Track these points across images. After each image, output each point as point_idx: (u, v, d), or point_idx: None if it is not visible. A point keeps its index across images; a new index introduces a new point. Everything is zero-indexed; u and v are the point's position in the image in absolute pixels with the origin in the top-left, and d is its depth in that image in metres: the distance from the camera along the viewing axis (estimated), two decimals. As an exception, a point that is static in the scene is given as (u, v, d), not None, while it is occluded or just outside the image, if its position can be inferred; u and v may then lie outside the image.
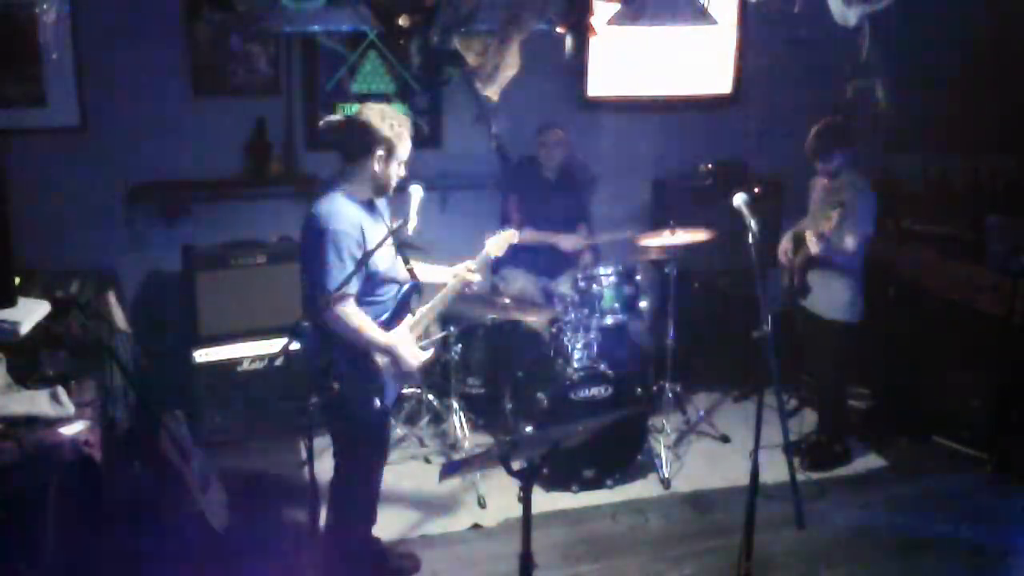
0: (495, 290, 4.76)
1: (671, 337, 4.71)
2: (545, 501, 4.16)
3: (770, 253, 4.55)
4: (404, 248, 3.29)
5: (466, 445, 4.53)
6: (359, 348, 3.16)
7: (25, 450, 2.88)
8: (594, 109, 5.43)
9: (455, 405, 4.63)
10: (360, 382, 3.18)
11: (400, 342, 3.23)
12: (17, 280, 3.57)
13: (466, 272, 3.49)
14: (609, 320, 4.51)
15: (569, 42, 4.30)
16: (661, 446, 4.53)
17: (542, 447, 2.68)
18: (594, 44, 5.19)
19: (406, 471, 4.43)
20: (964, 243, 4.92)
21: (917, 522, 4.14)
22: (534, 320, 4.68)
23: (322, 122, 3.27)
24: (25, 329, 3.35)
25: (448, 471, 3.10)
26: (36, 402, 3.07)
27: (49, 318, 3.55)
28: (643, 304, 4.62)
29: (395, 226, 3.12)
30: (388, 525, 3.89)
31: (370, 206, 3.22)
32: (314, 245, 3.07)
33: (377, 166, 3.11)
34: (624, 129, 5.47)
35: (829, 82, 5.13)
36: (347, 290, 3.02)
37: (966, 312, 4.69)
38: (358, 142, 3.11)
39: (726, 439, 4.84)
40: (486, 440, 4.71)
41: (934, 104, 5.20)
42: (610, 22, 4.29)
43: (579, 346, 4.39)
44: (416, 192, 3.39)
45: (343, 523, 3.43)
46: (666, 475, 4.41)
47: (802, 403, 5.09)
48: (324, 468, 3.75)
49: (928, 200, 5.36)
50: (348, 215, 3.08)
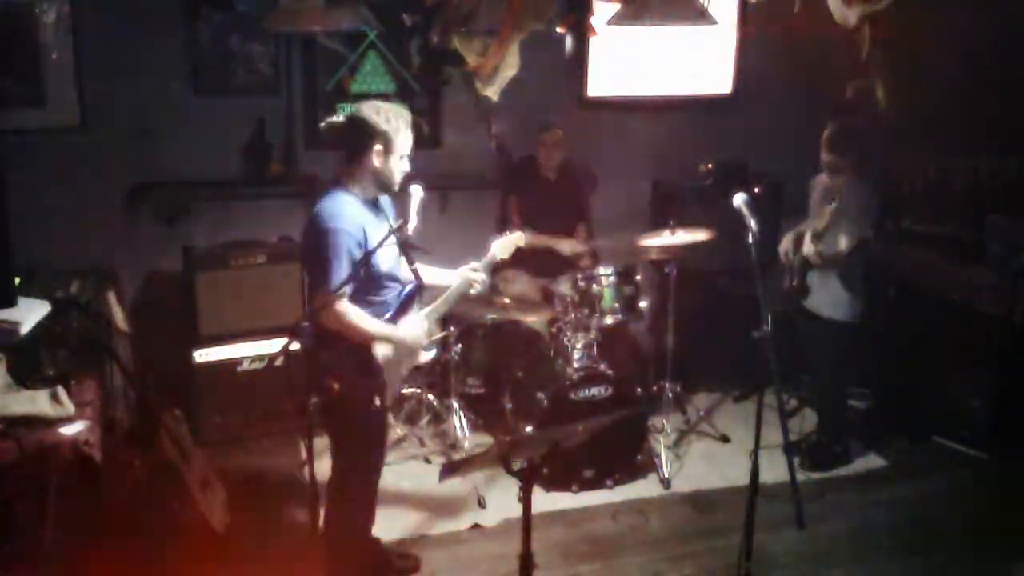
0: (495, 290, 4.76)
1: (671, 337, 4.71)
2: (545, 501, 4.16)
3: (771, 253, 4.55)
4: (406, 248, 3.29)
5: (466, 445, 4.53)
6: (359, 346, 3.15)
7: (25, 450, 2.87)
8: (594, 109, 5.43)
9: (455, 405, 4.63)
10: (361, 381, 3.18)
11: (399, 328, 3.23)
12: (17, 280, 3.57)
13: (471, 273, 3.47)
14: (609, 320, 4.51)
15: (569, 42, 4.30)
16: (661, 446, 4.53)
17: (542, 447, 2.68)
18: (594, 44, 5.19)
19: (406, 471, 4.42)
20: (964, 243, 4.92)
21: (917, 522, 4.14)
22: (534, 320, 4.68)
23: (322, 124, 3.25)
24: (25, 329, 3.35)
25: (448, 471, 3.10)
26: (36, 402, 3.07)
27: (49, 318, 3.55)
28: (643, 304, 4.62)
29: (395, 226, 3.12)
30: (388, 525, 3.88)
31: (374, 205, 3.21)
32: (315, 244, 3.07)
33: (376, 161, 3.08)
34: (624, 129, 5.47)
35: (829, 82, 5.12)
36: (344, 289, 3.02)
37: (966, 312, 4.69)
38: (355, 139, 3.10)
39: (726, 439, 4.84)
40: (486, 440, 4.70)
41: (934, 104, 5.19)
42: (610, 22, 4.30)
43: (579, 346, 4.39)
44: (416, 192, 3.39)
45: (342, 523, 3.43)
46: (666, 475, 4.41)
47: (802, 403, 5.09)
48: (324, 468, 3.75)
49: (928, 200, 5.36)
50: (350, 214, 3.07)
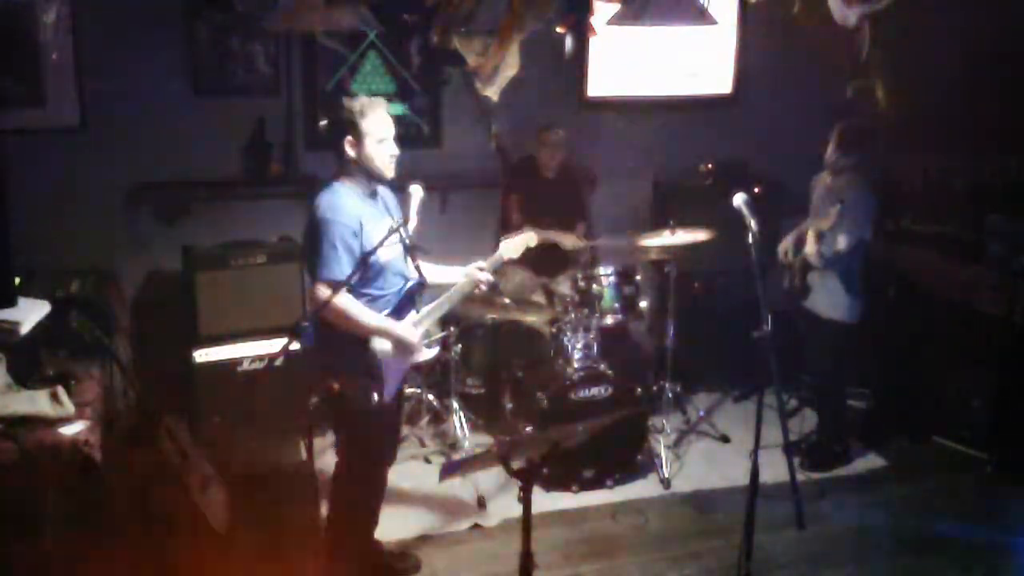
0: (494, 288, 4.76)
1: (671, 337, 4.71)
2: (545, 501, 4.16)
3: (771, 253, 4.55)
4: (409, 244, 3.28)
5: (466, 445, 4.53)
6: (356, 342, 3.16)
7: (25, 450, 2.87)
8: (594, 109, 5.43)
9: (455, 405, 4.64)
10: (358, 377, 3.18)
11: (395, 323, 3.22)
12: (17, 280, 3.56)
13: (477, 272, 3.45)
14: (609, 320, 4.51)
15: (569, 42, 4.30)
16: (661, 446, 4.53)
17: (542, 447, 2.68)
18: (594, 44, 5.19)
19: (406, 471, 4.42)
20: (964, 243, 4.91)
21: (917, 522, 4.14)
22: (534, 320, 4.68)
23: (321, 124, 3.32)
24: (25, 329, 3.35)
25: (448, 471, 3.10)
26: (36, 402, 3.07)
27: (49, 318, 3.55)
28: (643, 304, 4.62)
29: (395, 225, 3.12)
30: (388, 525, 3.87)
31: (373, 198, 3.24)
32: (312, 234, 3.13)
33: (352, 151, 3.14)
34: (624, 129, 5.46)
35: (829, 82, 5.12)
36: (341, 279, 3.05)
37: (966, 312, 4.68)
38: (333, 135, 3.19)
39: (726, 439, 4.84)
40: (486, 440, 4.70)
41: (934, 104, 5.19)
42: (610, 22, 4.29)
43: (579, 346, 4.39)
44: (416, 192, 3.39)
45: (343, 522, 3.43)
46: (666, 475, 4.41)
47: (802, 403, 5.09)
48: (324, 467, 3.75)
49: (928, 200, 5.36)
50: (345, 205, 3.12)
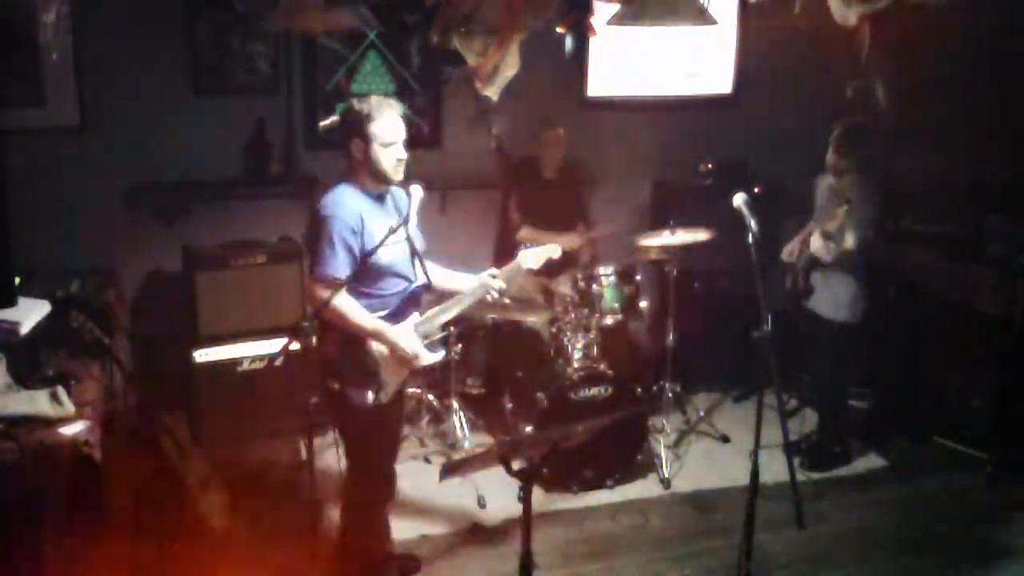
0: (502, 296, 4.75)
1: (671, 337, 4.71)
2: (545, 501, 4.16)
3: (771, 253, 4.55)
4: (414, 247, 3.27)
5: (466, 445, 4.53)
6: (354, 341, 3.14)
7: (25, 450, 2.88)
8: (594, 109, 5.43)
9: (455, 405, 4.63)
10: (355, 375, 3.16)
11: (392, 328, 3.18)
12: (17, 280, 3.57)
13: (490, 280, 3.39)
14: (609, 320, 4.51)
15: (569, 42, 4.30)
16: (661, 446, 4.53)
17: (542, 447, 2.68)
18: (594, 44, 5.19)
19: (406, 471, 4.41)
20: (964, 243, 4.91)
21: (917, 522, 4.14)
22: (534, 320, 4.68)
23: (320, 125, 3.30)
24: (25, 329, 3.35)
25: (448, 471, 3.10)
26: (36, 402, 3.07)
27: (49, 318, 3.55)
28: (643, 304, 4.62)
29: (395, 226, 3.11)
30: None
31: (379, 199, 3.22)
32: (312, 232, 3.13)
33: (359, 153, 3.12)
34: (624, 129, 5.46)
35: (829, 82, 5.12)
36: (337, 276, 3.04)
37: (966, 312, 4.68)
38: (341, 135, 3.18)
39: (726, 439, 4.84)
40: (486, 440, 4.70)
41: (934, 104, 5.19)
42: (610, 22, 4.29)
43: (579, 346, 4.39)
44: (416, 192, 3.39)
45: (355, 522, 3.40)
46: (666, 475, 4.41)
47: (802, 403, 5.09)
48: (324, 467, 3.75)
49: (928, 200, 5.36)
50: (347, 203, 3.11)
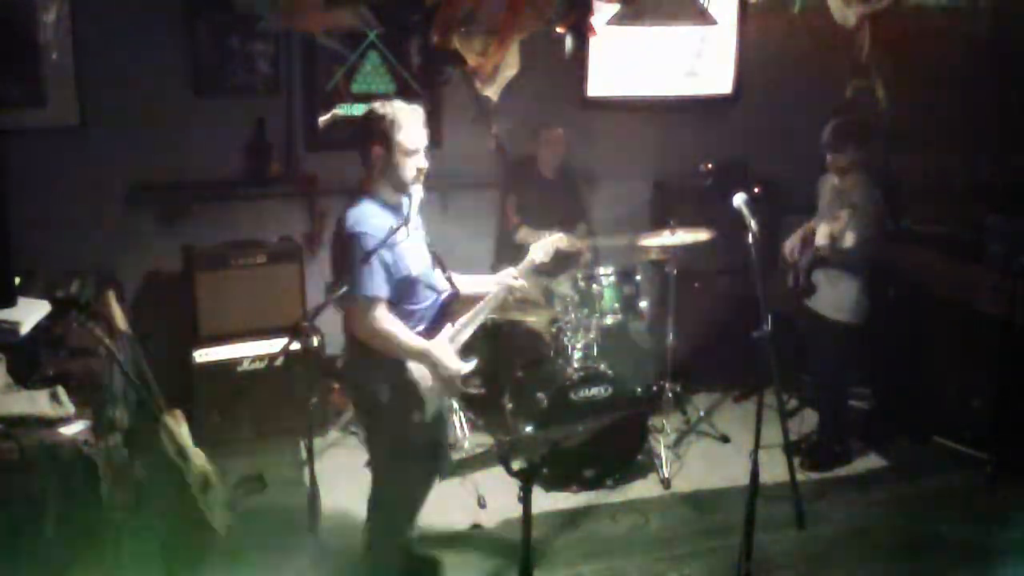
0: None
1: (671, 337, 4.71)
2: (545, 501, 4.16)
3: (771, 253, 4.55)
4: (437, 255, 3.23)
5: (466, 445, 4.53)
6: (389, 361, 3.05)
7: (25, 450, 2.87)
8: (594, 109, 5.43)
9: (455, 405, 4.63)
10: (398, 394, 3.07)
11: (436, 347, 3.10)
12: (17, 280, 3.57)
13: (510, 280, 3.35)
14: (609, 320, 4.51)
15: (569, 42, 4.29)
16: (661, 446, 4.53)
17: (542, 447, 2.68)
18: (594, 44, 5.18)
19: (406, 471, 4.42)
20: (964, 243, 4.91)
21: (917, 522, 4.14)
22: (534, 320, 4.68)
23: (320, 121, 3.24)
24: (25, 329, 3.35)
25: (448, 471, 3.10)
26: (36, 402, 3.07)
27: (49, 318, 3.55)
28: (643, 304, 4.62)
29: (395, 227, 3.10)
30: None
31: (396, 210, 3.13)
32: (341, 251, 3.02)
33: (380, 161, 3.04)
34: (624, 129, 5.46)
35: (829, 82, 5.12)
36: (378, 295, 2.96)
37: (966, 312, 4.68)
38: (360, 141, 3.09)
39: (726, 439, 4.84)
40: (486, 440, 4.70)
41: (934, 104, 5.19)
42: (610, 22, 4.29)
43: (579, 346, 4.39)
44: (416, 192, 3.38)
45: (378, 535, 3.38)
46: (666, 475, 4.41)
47: (802, 403, 5.09)
48: (324, 468, 3.75)
49: (928, 200, 5.36)
50: (372, 218, 3.01)
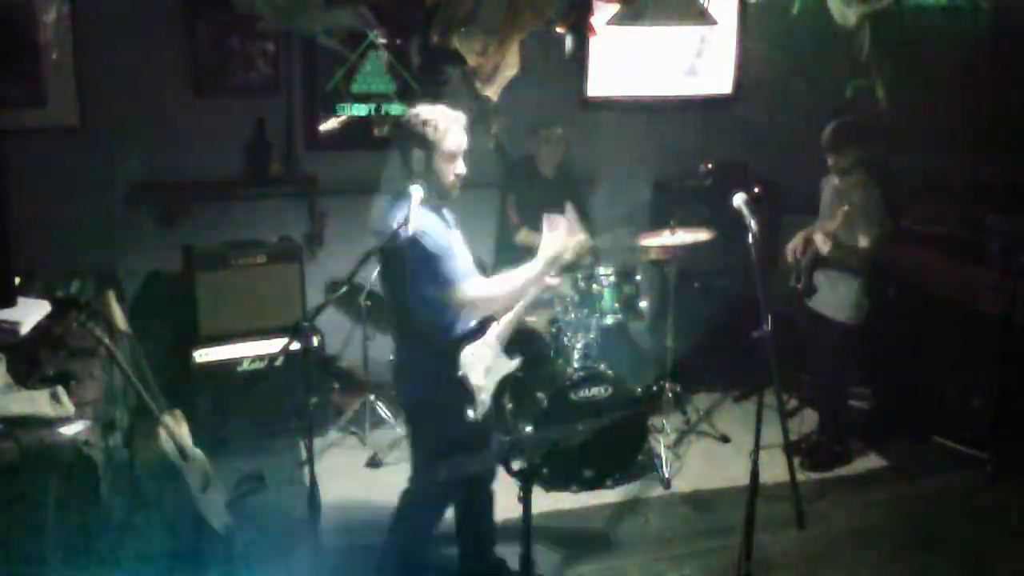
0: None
1: (671, 337, 4.71)
2: (545, 501, 4.15)
3: (771, 253, 4.54)
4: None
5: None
6: (444, 353, 3.08)
7: (25, 450, 2.87)
8: (594, 109, 5.44)
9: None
10: (449, 391, 3.09)
11: (542, 260, 3.15)
12: (17, 280, 3.57)
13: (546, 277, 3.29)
14: (609, 320, 4.51)
15: (569, 42, 4.29)
16: (661, 446, 4.53)
17: (542, 447, 2.68)
18: (594, 44, 5.19)
19: (406, 471, 4.41)
20: (964, 243, 4.91)
21: (917, 522, 4.14)
22: (534, 320, 4.68)
23: (325, 125, 3.24)
24: (25, 329, 3.35)
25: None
26: (36, 402, 3.06)
27: (49, 318, 3.55)
28: (643, 304, 4.62)
29: (395, 226, 3.10)
30: (387, 525, 3.89)
31: (438, 211, 3.16)
32: (413, 259, 3.00)
33: (419, 166, 3.08)
34: (624, 129, 5.47)
35: (829, 82, 5.12)
36: (470, 275, 3.07)
37: (966, 312, 4.68)
38: (400, 146, 3.13)
39: (726, 439, 4.84)
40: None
41: (934, 104, 5.20)
42: (610, 22, 4.29)
43: (579, 346, 4.39)
44: (416, 192, 3.38)
45: (405, 540, 3.40)
46: (666, 475, 4.41)
47: (802, 403, 5.09)
48: (324, 468, 3.75)
49: (928, 200, 5.36)
50: (426, 216, 3.05)
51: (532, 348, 4.75)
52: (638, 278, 4.64)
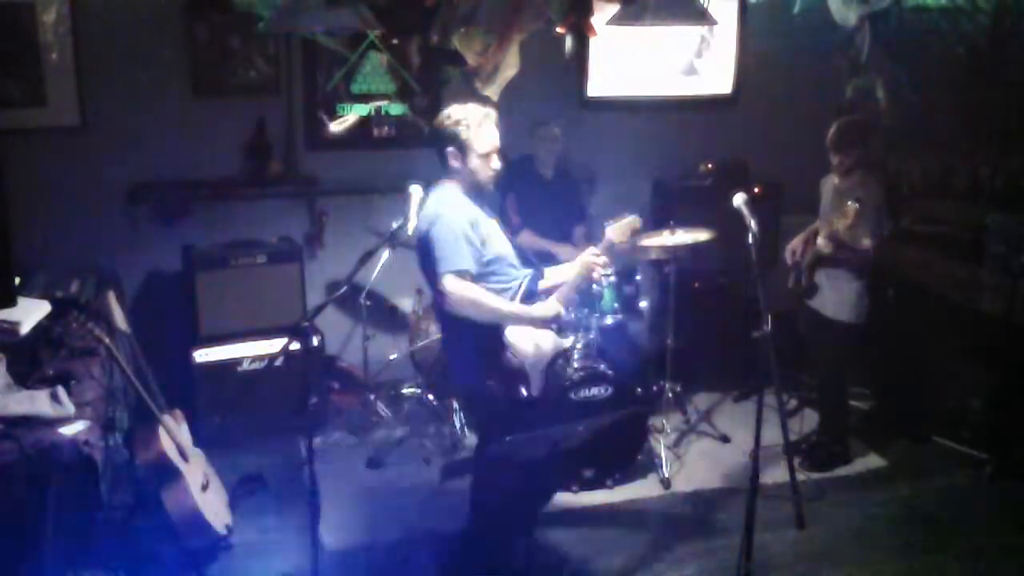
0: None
1: (671, 337, 4.71)
2: (545, 501, 4.16)
3: (770, 253, 4.55)
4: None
5: (466, 445, 4.53)
6: (491, 336, 3.12)
7: (25, 450, 2.87)
8: (594, 109, 5.43)
9: (455, 405, 4.63)
10: (501, 374, 3.12)
11: (528, 307, 3.17)
12: (17, 280, 3.56)
13: (591, 257, 3.27)
14: (609, 320, 4.51)
15: (569, 42, 4.29)
16: (661, 446, 4.53)
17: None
18: (594, 44, 5.19)
19: (406, 471, 4.42)
20: (964, 243, 4.91)
21: (917, 522, 4.14)
22: (534, 320, 4.67)
23: (331, 126, 3.28)
24: (25, 329, 3.35)
25: (448, 471, 3.10)
26: (36, 402, 3.06)
27: (49, 318, 3.55)
28: (643, 304, 4.62)
29: (395, 226, 3.11)
30: (388, 526, 3.89)
31: (478, 198, 3.26)
32: (427, 235, 3.11)
33: (455, 163, 3.15)
34: (624, 129, 5.46)
35: (829, 82, 5.13)
36: (464, 268, 3.06)
37: (966, 312, 4.69)
38: (435, 145, 3.21)
39: (726, 439, 4.84)
40: (486, 440, 4.70)
41: (934, 104, 5.20)
42: (610, 22, 4.29)
43: (579, 346, 4.39)
44: (416, 192, 3.39)
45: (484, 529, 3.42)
46: (666, 475, 4.41)
47: (802, 403, 5.09)
48: (324, 468, 3.75)
49: (928, 200, 5.36)
50: (456, 199, 3.15)
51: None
52: (638, 278, 4.64)
